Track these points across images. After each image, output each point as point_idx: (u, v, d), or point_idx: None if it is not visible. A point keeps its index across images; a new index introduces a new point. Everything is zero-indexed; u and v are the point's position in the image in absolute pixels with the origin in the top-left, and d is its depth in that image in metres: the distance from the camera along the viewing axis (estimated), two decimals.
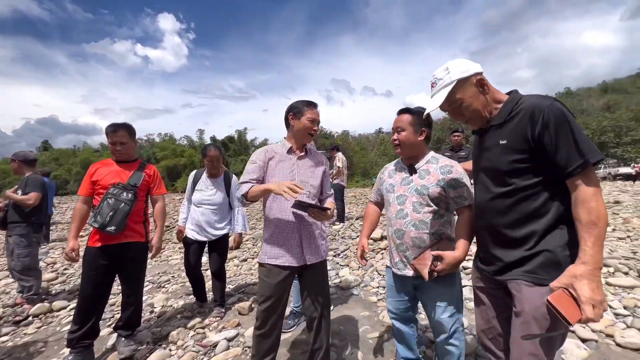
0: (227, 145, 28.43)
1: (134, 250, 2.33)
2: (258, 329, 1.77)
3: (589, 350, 2.12)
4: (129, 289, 2.39)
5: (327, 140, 22.86)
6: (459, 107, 1.25)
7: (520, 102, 1.17)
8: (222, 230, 2.94)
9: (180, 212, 3.03)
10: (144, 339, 2.52)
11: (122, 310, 2.42)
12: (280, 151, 1.83)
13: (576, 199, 1.04)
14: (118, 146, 2.32)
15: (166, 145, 30.37)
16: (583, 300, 0.95)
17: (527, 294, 1.11)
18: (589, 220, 1.00)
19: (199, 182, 2.95)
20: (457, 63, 1.24)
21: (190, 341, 2.48)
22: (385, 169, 1.88)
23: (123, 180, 2.31)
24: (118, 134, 2.31)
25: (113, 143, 2.31)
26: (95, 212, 2.18)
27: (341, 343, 2.36)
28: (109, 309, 3.17)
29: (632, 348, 2.12)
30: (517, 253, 1.16)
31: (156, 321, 2.92)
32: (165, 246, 5.90)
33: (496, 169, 1.20)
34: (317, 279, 1.84)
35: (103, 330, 2.67)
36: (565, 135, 1.04)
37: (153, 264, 4.89)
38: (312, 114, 1.79)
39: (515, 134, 1.13)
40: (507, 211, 1.17)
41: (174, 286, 3.81)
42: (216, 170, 2.95)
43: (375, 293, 3.28)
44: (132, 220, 2.31)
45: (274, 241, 1.77)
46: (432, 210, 1.59)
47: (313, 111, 1.80)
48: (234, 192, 2.97)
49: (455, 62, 1.25)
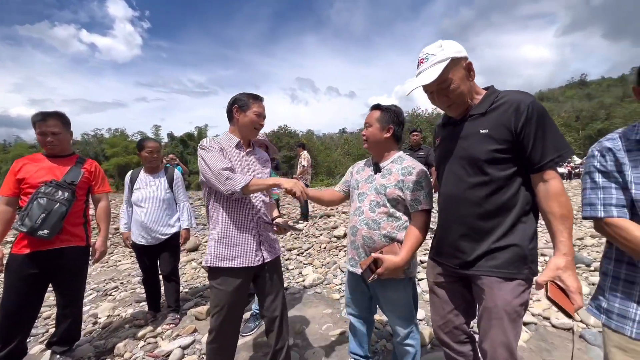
0: (186, 142, 27.01)
1: (72, 256, 2.06)
2: (212, 342, 1.62)
3: (529, 332, 2.32)
4: (66, 300, 2.12)
5: (291, 139, 22.67)
6: (446, 88, 1.20)
7: (500, 96, 1.19)
8: (171, 228, 2.71)
9: (121, 217, 2.77)
10: (84, 354, 2.26)
11: (58, 323, 2.14)
12: (227, 145, 1.68)
13: (547, 193, 1.10)
14: (49, 137, 2.01)
15: (117, 142, 28.01)
16: (572, 290, 1.01)
17: (498, 289, 1.15)
18: (562, 214, 1.07)
19: (136, 182, 2.70)
20: (451, 42, 1.21)
21: (139, 352, 2.28)
22: (356, 164, 1.86)
23: (57, 177, 2.02)
24: (48, 123, 2.00)
25: (43, 134, 2.00)
26: (23, 215, 1.89)
27: (303, 342, 2.32)
28: (42, 322, 2.82)
29: (564, 328, 2.37)
30: (485, 245, 1.18)
31: (100, 333, 2.64)
32: (114, 250, 5.42)
33: (474, 157, 1.18)
34: (274, 278, 1.76)
35: (33, 348, 2.36)
36: (545, 130, 1.10)
37: (99, 270, 4.46)
38: (258, 108, 1.70)
39: (498, 124, 1.14)
40: (481, 202, 1.19)
41: (123, 293, 3.49)
42: (155, 164, 2.74)
43: (337, 290, 3.29)
44: (70, 222, 2.04)
45: (228, 242, 1.61)
46: (387, 211, 1.55)
47: (260, 105, 1.72)
48: (179, 186, 2.83)
49: (448, 41, 1.22)
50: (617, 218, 0.98)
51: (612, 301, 1.04)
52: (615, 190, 1.00)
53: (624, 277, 1.02)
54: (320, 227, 5.91)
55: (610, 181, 1.01)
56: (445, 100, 1.24)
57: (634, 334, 0.97)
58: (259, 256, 1.67)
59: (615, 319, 1.02)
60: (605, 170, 1.02)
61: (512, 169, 1.15)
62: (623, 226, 0.96)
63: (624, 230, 0.95)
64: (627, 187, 0.98)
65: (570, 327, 2.36)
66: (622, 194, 0.99)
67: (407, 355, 1.66)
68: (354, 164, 1.88)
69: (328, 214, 7.06)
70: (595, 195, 1.03)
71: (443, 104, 1.27)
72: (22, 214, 1.90)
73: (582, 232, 4.79)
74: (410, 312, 1.64)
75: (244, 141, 1.76)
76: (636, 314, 0.98)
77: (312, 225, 6.13)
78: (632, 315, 0.99)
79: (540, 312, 2.57)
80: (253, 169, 1.74)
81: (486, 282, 1.19)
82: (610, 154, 1.01)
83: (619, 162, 1.00)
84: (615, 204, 0.99)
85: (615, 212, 0.98)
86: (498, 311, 1.15)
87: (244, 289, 1.65)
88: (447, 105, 1.26)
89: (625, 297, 1.01)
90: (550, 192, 1.09)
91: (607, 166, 1.02)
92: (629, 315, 0.99)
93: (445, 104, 1.27)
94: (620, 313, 1.01)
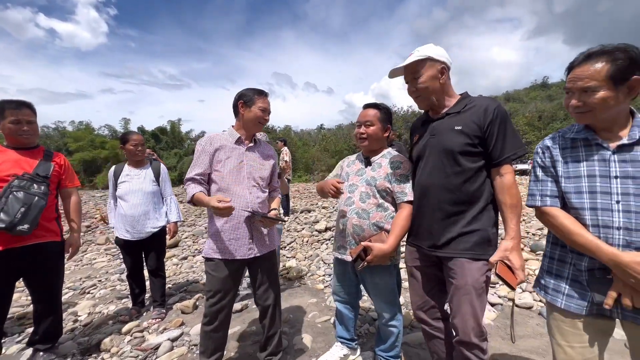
0: (159, 137, 25.87)
1: (48, 252, 1.99)
2: (207, 324, 1.73)
3: (496, 312, 2.58)
4: (44, 297, 2.06)
5: (269, 135, 22.34)
6: (416, 79, 1.42)
7: (472, 100, 1.41)
8: (157, 222, 2.68)
9: (109, 213, 2.74)
10: (67, 351, 2.22)
11: (37, 322, 2.08)
12: (227, 141, 1.77)
13: (502, 185, 1.32)
14: (25, 126, 1.91)
15: (82, 135, 26.22)
16: (517, 267, 1.23)
17: (468, 269, 1.34)
18: (512, 203, 1.29)
19: (120, 176, 2.65)
20: (438, 48, 1.43)
21: (126, 347, 2.28)
22: (346, 159, 1.96)
23: (27, 170, 1.91)
24: (24, 112, 1.91)
25: (17, 122, 1.89)
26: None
27: (291, 330, 2.43)
28: (16, 322, 2.70)
29: (526, 307, 2.65)
30: (456, 229, 1.37)
31: (82, 330, 2.59)
32: (87, 248, 5.21)
33: (450, 149, 1.36)
34: (267, 267, 1.83)
35: (10, 349, 2.28)
36: (505, 130, 1.31)
37: (72, 268, 4.28)
38: (263, 103, 1.77)
39: (470, 122, 1.34)
40: (455, 190, 1.37)
41: (102, 291, 3.40)
42: (140, 157, 2.71)
43: (321, 281, 3.42)
44: (44, 217, 1.94)
45: (222, 235, 1.70)
46: (377, 202, 1.66)
47: (264, 100, 1.78)
48: (166, 180, 2.82)
49: (437, 47, 1.43)
50: (550, 207, 1.13)
51: (548, 278, 1.20)
52: (550, 183, 1.14)
53: (557, 257, 1.17)
54: (301, 222, 6.00)
55: (547, 175, 1.16)
56: (413, 91, 1.46)
57: (563, 305, 1.13)
58: (251, 250, 1.75)
59: (550, 293, 1.18)
60: (544, 165, 1.17)
61: (481, 162, 1.36)
62: (554, 214, 1.11)
63: (554, 218, 1.11)
64: (558, 180, 1.12)
65: (530, 306, 2.65)
66: (555, 186, 1.13)
67: (392, 335, 1.81)
68: (344, 158, 1.99)
69: (309, 209, 7.17)
70: (535, 187, 1.19)
71: (412, 93, 1.49)
72: None
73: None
74: (394, 296, 1.78)
75: (248, 136, 1.82)
76: (565, 287, 1.13)
77: (294, 220, 6.22)
78: (562, 290, 1.14)
79: (505, 294, 2.84)
80: (251, 164, 1.79)
81: (457, 263, 1.37)
82: (547, 151, 1.17)
83: (553, 158, 1.15)
84: (550, 194, 1.14)
85: (549, 202, 1.13)
86: (468, 288, 1.34)
87: (235, 277, 1.76)
88: (415, 96, 1.48)
89: (558, 274, 1.16)
90: (505, 184, 1.31)
91: (545, 162, 1.17)
92: (560, 289, 1.14)
93: (413, 94, 1.48)
94: (554, 288, 1.16)
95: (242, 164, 1.76)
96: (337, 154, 21.44)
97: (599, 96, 0.99)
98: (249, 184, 1.75)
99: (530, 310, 2.61)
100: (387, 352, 1.84)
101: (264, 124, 1.81)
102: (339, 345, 2.02)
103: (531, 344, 2.16)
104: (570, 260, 1.12)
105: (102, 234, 5.98)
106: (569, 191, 1.09)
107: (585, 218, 1.05)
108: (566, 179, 1.11)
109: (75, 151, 24.58)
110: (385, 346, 1.83)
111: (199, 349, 1.79)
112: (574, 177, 1.08)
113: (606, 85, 0.97)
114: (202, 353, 1.76)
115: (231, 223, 1.71)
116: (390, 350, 1.83)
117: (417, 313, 1.60)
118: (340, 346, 2.01)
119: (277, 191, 2.00)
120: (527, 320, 2.45)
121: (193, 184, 1.69)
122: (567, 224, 1.07)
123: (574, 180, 1.08)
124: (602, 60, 0.98)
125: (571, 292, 1.12)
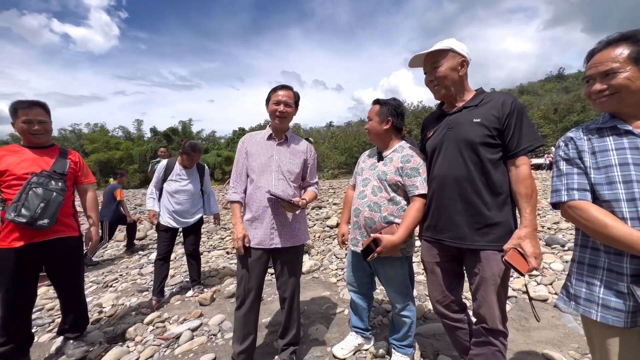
0: (170, 137, 26.42)
1: (68, 247, 2.06)
2: (238, 309, 1.84)
3: (511, 304, 2.57)
4: (69, 289, 2.15)
5: None
6: (435, 68, 1.46)
7: (489, 95, 1.46)
8: (196, 215, 3.16)
9: (149, 198, 3.08)
10: (95, 339, 2.34)
11: (65, 313, 2.19)
12: (260, 138, 1.91)
13: (518, 176, 1.35)
14: (36, 125, 1.95)
15: (97, 137, 27.04)
16: (529, 254, 1.24)
17: (494, 260, 1.37)
18: (527, 193, 1.32)
19: (172, 173, 3.08)
20: (460, 43, 1.47)
21: (149, 336, 2.39)
22: (363, 154, 2.01)
23: (45, 168, 1.96)
24: (35, 111, 1.94)
25: (29, 122, 1.93)
26: (17, 205, 1.81)
27: (306, 321, 2.49)
28: (47, 313, 2.86)
29: (541, 300, 2.64)
30: (482, 220, 1.39)
31: (107, 320, 2.72)
32: (107, 245, 5.41)
33: (470, 140, 1.39)
34: (288, 261, 1.89)
35: (41, 337, 2.42)
36: (522, 122, 1.35)
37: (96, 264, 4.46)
38: (275, 97, 1.82)
39: (489, 114, 1.38)
40: (477, 181, 1.39)
41: (124, 284, 3.55)
42: (193, 165, 3.18)
43: (334, 275, 3.47)
44: (62, 213, 1.99)
45: (249, 225, 1.83)
46: (388, 196, 1.68)
47: (276, 93, 1.82)
48: (208, 179, 3.35)
49: (460, 42, 1.48)
50: (579, 200, 1.00)
51: (578, 286, 1.05)
52: (577, 175, 1.03)
53: (587, 261, 1.04)
54: (312, 218, 6.07)
55: (572, 167, 1.05)
56: (431, 80, 1.50)
57: (599, 317, 0.98)
58: (273, 241, 1.82)
59: (583, 304, 1.03)
60: (568, 157, 1.07)
61: (499, 153, 1.38)
62: (584, 208, 0.98)
63: (584, 211, 0.98)
64: (587, 172, 1.01)
65: (545, 299, 2.63)
66: (584, 179, 1.02)
67: (404, 325, 1.85)
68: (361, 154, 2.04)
69: (319, 206, 7.23)
70: (560, 182, 1.07)
71: (429, 83, 1.53)
72: (16, 204, 1.82)
73: (558, 217, 5.15)
74: (406, 287, 1.82)
75: (277, 132, 1.90)
76: (599, 297, 0.98)
77: (306, 216, 6.29)
78: (596, 299, 0.99)
79: (520, 287, 2.83)
80: (281, 158, 1.86)
81: (483, 255, 1.39)
82: (571, 142, 1.07)
83: (578, 149, 1.05)
84: (577, 187, 1.02)
85: (577, 195, 1.01)
86: (495, 279, 1.37)
87: (260, 264, 1.84)
88: (433, 85, 1.51)
89: (590, 282, 1.02)
90: (520, 175, 1.34)
91: (570, 154, 1.07)
92: (594, 299, 1.00)
93: (430, 84, 1.53)
94: (587, 297, 1.02)
95: (272, 159, 1.85)
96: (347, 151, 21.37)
97: (623, 76, 0.94)
98: (276, 177, 1.83)
99: (545, 303, 2.60)
100: (401, 342, 1.88)
101: (282, 117, 1.82)
102: (353, 335, 2.07)
103: (546, 335, 2.16)
104: (603, 265, 0.99)
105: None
106: (600, 182, 0.98)
107: (622, 210, 0.93)
108: (595, 170, 1.00)
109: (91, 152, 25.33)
110: (399, 335, 1.87)
111: (233, 336, 1.90)
112: (603, 167, 0.98)
113: (629, 65, 0.94)
114: (235, 339, 1.87)
115: (258, 214, 1.81)
116: (404, 340, 1.87)
117: (437, 307, 1.62)
118: (355, 335, 2.06)
119: (313, 185, 2.02)
120: (542, 313, 2.44)
121: (233, 192, 1.88)
122: (600, 216, 0.94)
123: (604, 170, 0.97)
124: (622, 45, 0.95)
125: (606, 302, 0.97)
